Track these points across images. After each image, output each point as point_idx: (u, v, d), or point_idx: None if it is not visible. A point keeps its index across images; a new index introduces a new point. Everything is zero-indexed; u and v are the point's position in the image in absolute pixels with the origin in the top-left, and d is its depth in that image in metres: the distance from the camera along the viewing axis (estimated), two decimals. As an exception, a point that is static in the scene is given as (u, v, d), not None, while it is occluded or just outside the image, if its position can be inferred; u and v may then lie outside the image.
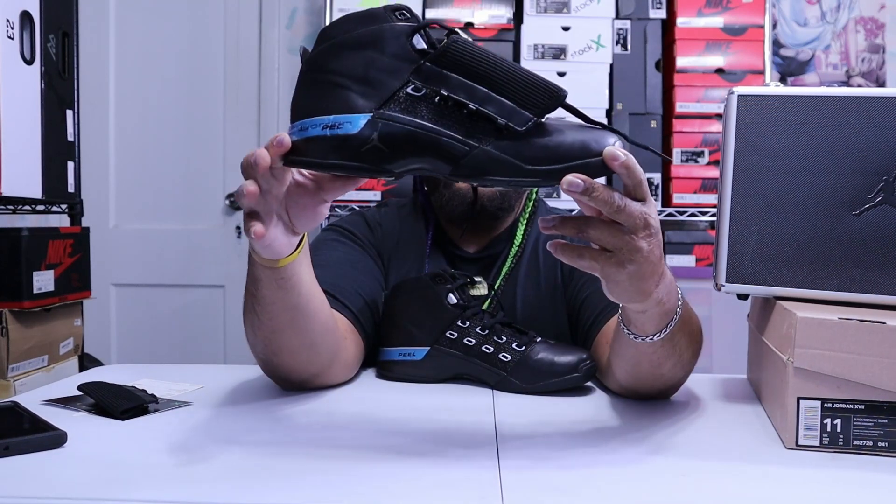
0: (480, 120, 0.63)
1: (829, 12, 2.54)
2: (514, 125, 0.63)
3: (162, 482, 0.63)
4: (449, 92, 0.63)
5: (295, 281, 0.80)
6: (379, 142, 0.64)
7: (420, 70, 0.64)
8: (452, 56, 0.64)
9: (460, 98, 0.63)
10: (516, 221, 1.20)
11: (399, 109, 0.64)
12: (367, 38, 0.65)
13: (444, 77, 0.64)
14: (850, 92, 0.81)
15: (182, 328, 2.60)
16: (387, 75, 0.64)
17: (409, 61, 0.64)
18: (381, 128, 0.64)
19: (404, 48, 0.64)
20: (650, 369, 0.85)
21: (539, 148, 0.63)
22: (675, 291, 0.78)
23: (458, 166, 0.64)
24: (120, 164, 2.61)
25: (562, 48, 2.20)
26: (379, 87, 0.64)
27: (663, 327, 0.78)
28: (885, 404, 0.71)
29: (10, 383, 1.45)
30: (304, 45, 2.55)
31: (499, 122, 0.63)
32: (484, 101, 0.63)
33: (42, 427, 0.72)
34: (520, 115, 0.63)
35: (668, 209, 2.19)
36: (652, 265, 0.68)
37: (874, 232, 0.79)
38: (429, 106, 0.64)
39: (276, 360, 0.89)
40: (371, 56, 0.65)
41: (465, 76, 0.63)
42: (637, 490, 0.63)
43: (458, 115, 0.64)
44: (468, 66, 0.63)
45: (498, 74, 0.63)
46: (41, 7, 1.54)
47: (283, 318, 0.83)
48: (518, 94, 0.63)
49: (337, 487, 0.62)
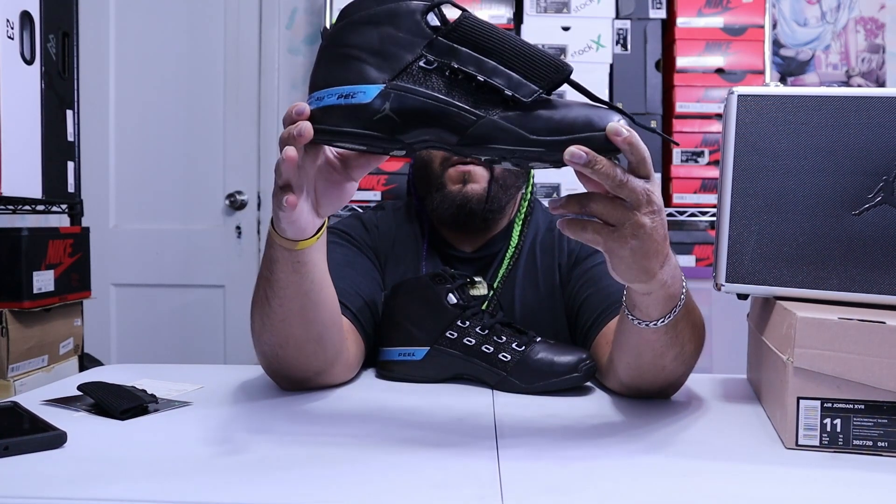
0: (488, 91, 0.66)
1: (829, 12, 2.54)
2: (520, 96, 0.65)
3: (162, 482, 0.63)
4: (459, 65, 0.66)
5: (310, 267, 0.82)
6: (391, 111, 0.67)
7: (433, 44, 0.67)
8: (463, 31, 0.67)
9: (470, 70, 0.66)
10: (512, 222, 1.21)
11: (411, 81, 0.67)
12: (384, 14, 0.68)
13: (455, 51, 0.67)
14: (850, 92, 0.81)
15: (182, 328, 2.60)
16: (401, 49, 0.68)
17: (422, 36, 0.68)
18: (392, 98, 0.67)
19: (418, 24, 0.68)
20: (653, 359, 0.85)
21: (544, 119, 0.65)
22: (680, 277, 0.79)
23: (464, 136, 0.66)
24: (120, 164, 2.61)
25: (562, 48, 2.20)
26: (393, 60, 0.68)
27: (667, 312, 0.78)
28: (885, 404, 0.71)
29: (10, 383, 1.45)
30: (304, 44, 2.56)
31: (505, 94, 0.65)
32: (492, 73, 0.66)
33: (42, 427, 0.72)
34: (526, 86, 0.66)
35: (668, 209, 2.19)
36: (656, 243, 0.69)
37: (874, 232, 0.79)
38: (440, 78, 0.67)
39: (281, 352, 0.89)
40: (387, 31, 0.68)
41: (474, 50, 0.66)
42: (637, 490, 0.63)
43: (467, 87, 0.67)
44: (478, 40, 0.66)
45: (506, 49, 0.66)
46: (41, 7, 1.54)
47: (294, 305, 0.84)
48: (525, 67, 0.66)
49: (337, 487, 0.62)
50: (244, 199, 2.58)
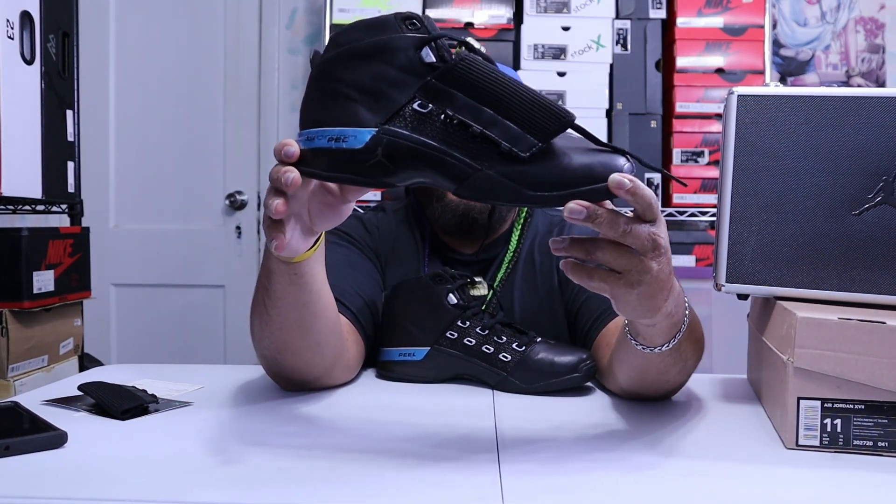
0: (485, 142, 0.62)
1: (829, 12, 2.54)
2: (517, 151, 0.61)
3: (162, 482, 0.63)
4: (454, 112, 0.62)
5: (308, 278, 0.81)
6: (383, 157, 0.63)
7: (427, 86, 0.62)
8: (459, 74, 0.62)
9: (465, 119, 0.62)
10: (512, 225, 1.21)
11: (404, 126, 0.63)
12: (376, 48, 0.63)
13: (450, 95, 0.62)
14: (850, 92, 0.81)
15: (182, 328, 2.60)
16: (393, 89, 0.63)
17: (416, 75, 0.63)
18: (385, 143, 0.63)
19: (412, 61, 0.63)
20: (656, 376, 0.85)
21: (543, 174, 0.61)
22: (683, 302, 0.78)
23: (461, 185, 0.63)
24: (120, 164, 2.61)
25: (562, 48, 2.20)
26: (385, 101, 0.63)
27: (671, 338, 0.78)
28: (885, 404, 0.71)
29: (10, 383, 1.45)
30: (304, 44, 2.56)
31: (502, 147, 0.61)
32: (489, 123, 0.61)
33: (42, 427, 0.72)
34: (524, 140, 0.61)
35: (668, 209, 2.19)
36: (661, 283, 0.67)
37: (874, 232, 0.79)
38: (434, 124, 0.62)
39: (280, 357, 0.89)
40: (379, 68, 0.63)
41: (471, 96, 0.62)
42: (637, 490, 0.63)
43: (463, 135, 0.62)
44: (475, 85, 0.62)
45: (504, 96, 0.62)
46: (41, 7, 1.54)
47: (292, 315, 0.83)
48: (524, 117, 0.61)
49: (337, 487, 0.62)
50: (244, 199, 2.58)
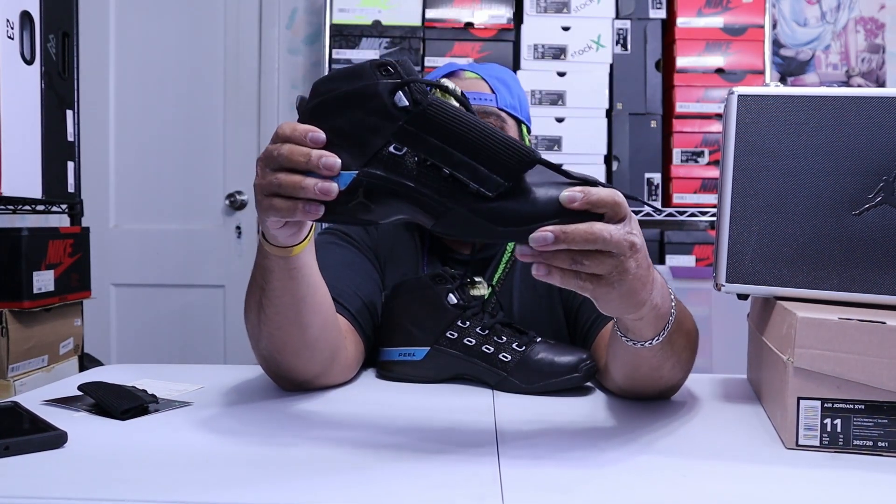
0: (456, 182, 0.65)
1: (829, 12, 2.54)
2: (485, 191, 0.65)
3: (162, 482, 0.63)
4: (426, 154, 0.66)
5: (305, 271, 0.82)
6: (364, 198, 0.67)
7: (400, 130, 0.66)
8: (429, 118, 0.66)
9: (436, 161, 0.65)
10: None
11: (382, 168, 0.66)
12: (353, 96, 0.67)
13: (422, 139, 0.66)
14: (850, 92, 0.81)
15: (182, 328, 2.60)
16: (370, 134, 0.67)
17: (390, 120, 0.66)
18: (365, 185, 0.67)
19: (386, 107, 0.66)
20: (649, 372, 0.85)
21: (512, 210, 0.65)
22: (668, 293, 0.78)
23: (437, 221, 0.67)
24: (120, 164, 2.61)
25: (562, 48, 2.20)
26: (363, 146, 0.67)
27: (660, 331, 0.78)
28: (885, 404, 0.71)
29: (10, 383, 1.45)
30: (304, 44, 2.56)
31: (471, 188, 0.65)
32: (458, 165, 0.65)
33: (42, 427, 0.72)
34: (491, 180, 0.65)
35: (668, 209, 2.19)
36: (641, 279, 0.68)
37: (874, 232, 0.79)
38: (409, 165, 0.66)
39: (279, 357, 0.89)
40: (357, 115, 0.67)
41: (440, 139, 0.65)
42: (637, 490, 0.63)
43: (436, 176, 0.66)
44: (444, 128, 0.65)
45: (472, 139, 0.65)
46: (41, 7, 1.54)
47: (290, 312, 0.84)
48: (490, 159, 0.65)
49: (337, 487, 0.62)
50: (244, 199, 2.58)
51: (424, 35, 2.22)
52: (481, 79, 1.14)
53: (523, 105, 1.19)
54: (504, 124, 1.14)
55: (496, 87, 1.14)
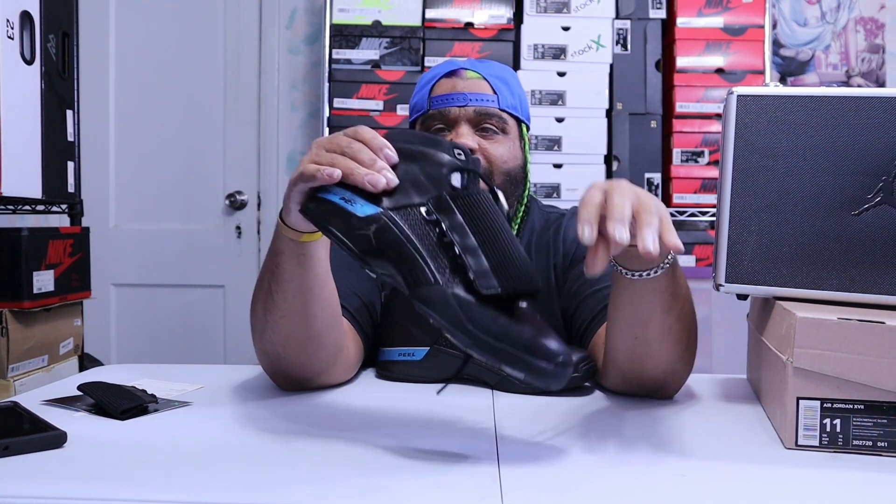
0: (459, 266, 0.67)
1: (829, 12, 2.54)
2: (479, 285, 0.65)
3: (162, 482, 0.63)
4: (448, 228, 0.68)
5: (314, 261, 0.83)
6: (372, 234, 0.68)
7: (439, 198, 0.69)
8: (470, 201, 0.69)
9: (453, 238, 0.67)
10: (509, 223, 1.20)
11: (404, 219, 0.69)
12: (421, 155, 0.71)
13: (451, 214, 0.68)
14: (849, 92, 0.81)
15: (182, 328, 2.60)
16: (414, 189, 0.70)
17: (437, 187, 0.70)
18: (381, 223, 0.68)
19: (442, 176, 0.70)
20: (661, 321, 0.85)
21: (490, 317, 0.64)
22: None
23: (413, 290, 0.67)
24: (120, 164, 2.61)
25: (562, 48, 2.20)
26: (401, 195, 0.70)
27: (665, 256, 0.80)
28: (884, 404, 0.71)
29: (10, 383, 1.45)
30: (304, 44, 2.56)
31: (469, 275, 0.66)
32: (469, 251, 0.67)
33: (42, 427, 0.72)
34: (489, 279, 0.65)
35: (669, 209, 2.19)
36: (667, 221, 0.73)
37: (874, 232, 0.79)
38: (428, 232, 0.68)
39: (282, 351, 0.89)
40: (413, 169, 0.71)
41: (467, 222, 0.68)
42: (637, 490, 0.63)
43: (447, 253, 0.68)
44: (476, 215, 0.68)
45: (494, 234, 0.67)
46: (41, 7, 1.54)
47: (297, 301, 0.85)
48: (499, 261, 0.66)
49: (337, 487, 0.62)
50: (244, 199, 2.58)
51: (424, 35, 2.22)
52: (483, 78, 1.14)
53: (524, 104, 1.19)
54: (505, 125, 1.14)
55: (497, 87, 1.14)
